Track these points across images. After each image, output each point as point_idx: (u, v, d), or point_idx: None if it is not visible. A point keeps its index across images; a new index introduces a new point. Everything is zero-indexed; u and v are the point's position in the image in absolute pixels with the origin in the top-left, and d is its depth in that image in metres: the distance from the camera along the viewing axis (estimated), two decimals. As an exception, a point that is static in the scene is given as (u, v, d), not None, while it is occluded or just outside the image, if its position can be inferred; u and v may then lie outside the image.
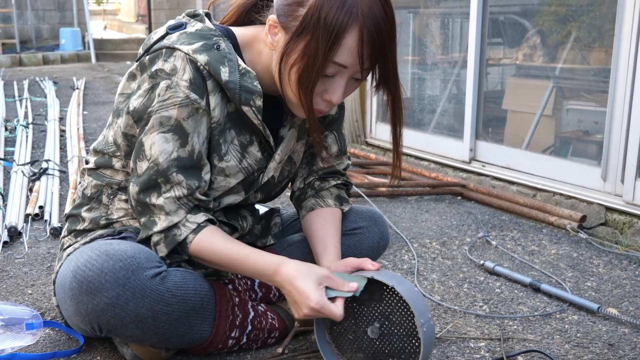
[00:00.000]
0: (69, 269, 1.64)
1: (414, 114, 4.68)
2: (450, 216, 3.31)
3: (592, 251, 2.83)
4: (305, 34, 1.57)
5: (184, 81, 1.63)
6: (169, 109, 1.63)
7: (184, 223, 1.67)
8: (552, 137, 3.78)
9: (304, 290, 1.60)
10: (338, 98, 1.65)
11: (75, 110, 5.79)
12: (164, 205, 1.66)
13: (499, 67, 4.22)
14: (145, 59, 1.69)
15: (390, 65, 1.64)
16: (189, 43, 1.66)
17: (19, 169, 3.67)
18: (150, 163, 1.65)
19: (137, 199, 1.69)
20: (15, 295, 2.29)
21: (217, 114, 1.70)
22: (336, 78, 1.63)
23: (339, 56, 1.57)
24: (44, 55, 11.30)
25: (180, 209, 1.67)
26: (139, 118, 1.67)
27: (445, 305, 2.26)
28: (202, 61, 1.64)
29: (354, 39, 1.56)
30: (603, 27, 3.37)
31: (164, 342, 1.72)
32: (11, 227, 2.86)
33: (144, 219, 1.70)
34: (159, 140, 1.64)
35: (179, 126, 1.64)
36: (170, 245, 1.67)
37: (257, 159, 1.81)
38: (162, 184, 1.66)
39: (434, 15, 4.62)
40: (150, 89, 1.65)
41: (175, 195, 1.66)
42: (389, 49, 1.62)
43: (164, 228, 1.67)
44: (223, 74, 1.65)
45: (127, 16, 19.81)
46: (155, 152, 1.64)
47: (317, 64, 1.57)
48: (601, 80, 3.43)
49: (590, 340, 2.04)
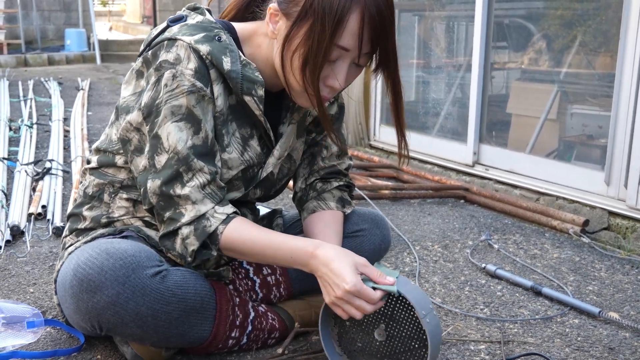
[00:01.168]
0: (69, 267, 1.64)
1: (418, 117, 4.68)
2: (452, 219, 3.30)
3: (595, 255, 2.82)
4: (307, 18, 1.58)
5: (189, 70, 1.63)
6: (179, 98, 1.63)
7: (212, 214, 1.65)
8: (556, 141, 3.78)
9: (340, 272, 1.58)
10: (342, 82, 1.66)
11: (79, 110, 5.80)
12: (190, 194, 1.64)
13: (504, 70, 4.22)
14: (149, 53, 1.70)
15: (390, 48, 1.65)
16: (191, 34, 1.67)
17: (23, 169, 3.68)
18: (170, 153, 1.63)
19: (160, 192, 1.65)
20: (17, 293, 2.29)
21: (220, 104, 1.70)
22: (338, 63, 1.64)
23: (343, 39, 1.59)
24: (49, 56, 11.32)
25: (206, 198, 1.65)
26: (148, 112, 1.67)
27: (446, 307, 2.26)
28: (204, 51, 1.65)
29: (356, 22, 1.57)
30: (609, 32, 3.37)
31: (164, 341, 1.72)
32: (14, 226, 2.86)
33: (169, 213, 1.65)
34: (174, 129, 1.63)
35: (190, 114, 1.64)
36: (201, 237, 1.64)
37: (257, 152, 1.81)
38: (184, 173, 1.64)
39: (439, 18, 4.62)
40: (156, 82, 1.66)
41: (199, 183, 1.64)
42: (389, 31, 1.63)
43: (192, 218, 1.63)
44: (225, 64, 1.66)
45: (132, 17, 19.85)
46: (172, 141, 1.63)
47: (321, 48, 1.58)
48: (606, 84, 3.43)
49: (590, 344, 2.04)
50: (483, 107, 3.98)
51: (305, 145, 2.01)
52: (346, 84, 1.69)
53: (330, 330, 1.79)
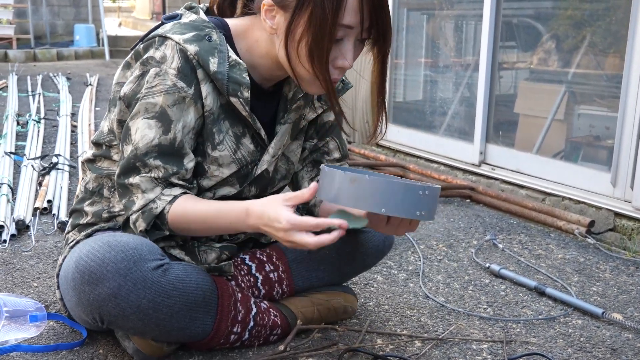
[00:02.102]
0: (72, 260, 1.66)
1: (425, 115, 4.67)
2: (458, 218, 3.30)
3: (600, 256, 2.82)
4: (307, 6, 1.61)
5: (172, 69, 1.67)
6: (155, 96, 1.67)
7: (159, 197, 1.69)
8: (562, 142, 3.76)
9: (275, 216, 1.57)
10: (350, 60, 1.69)
11: (87, 106, 5.81)
12: (140, 183, 1.68)
13: (512, 70, 4.20)
14: (140, 47, 1.75)
15: (386, 20, 1.69)
16: (181, 33, 1.69)
17: (29, 163, 3.69)
18: (132, 147, 1.68)
19: (118, 181, 1.72)
20: (21, 287, 2.30)
21: (210, 103, 1.72)
22: (344, 42, 1.67)
23: (346, 17, 1.61)
24: (58, 51, 11.33)
25: (157, 187, 1.69)
26: (128, 103, 1.72)
27: (449, 307, 2.26)
28: (191, 51, 1.67)
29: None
30: (619, 33, 3.36)
31: (166, 335, 1.73)
32: (19, 220, 2.87)
33: (124, 201, 1.72)
34: (142, 125, 1.68)
35: (164, 113, 1.67)
36: (148, 219, 1.68)
37: (249, 150, 1.83)
38: (141, 167, 1.68)
39: (447, 17, 4.61)
40: (140, 76, 1.70)
41: (152, 175, 1.69)
42: (385, 3, 1.67)
43: (141, 206, 1.69)
44: (212, 65, 1.68)
45: (141, 13, 19.86)
46: (137, 137, 1.68)
47: (326, 30, 1.60)
48: (614, 85, 3.41)
49: (593, 344, 2.03)
50: (490, 107, 3.97)
51: (307, 151, 2.02)
52: (353, 60, 1.72)
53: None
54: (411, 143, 4.56)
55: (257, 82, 1.82)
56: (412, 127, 4.64)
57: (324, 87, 1.68)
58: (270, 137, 1.88)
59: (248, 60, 1.78)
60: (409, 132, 4.60)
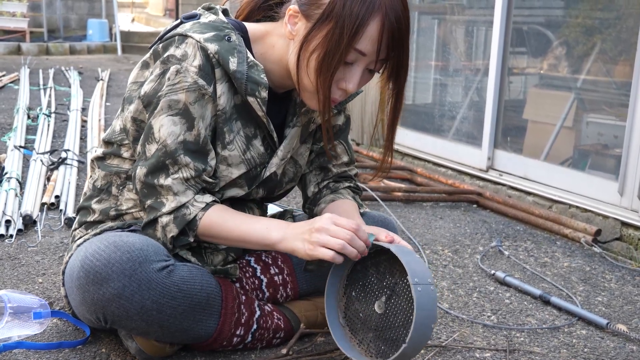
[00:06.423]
0: (77, 259, 1.67)
1: (434, 119, 4.67)
2: (464, 224, 3.29)
3: (605, 266, 2.81)
4: (328, 21, 1.63)
5: (193, 67, 1.68)
6: (178, 93, 1.68)
7: (192, 203, 1.71)
8: (571, 149, 3.76)
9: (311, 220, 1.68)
10: (354, 86, 1.71)
11: (98, 101, 5.81)
12: (172, 185, 1.69)
13: (522, 76, 4.20)
14: (159, 47, 1.75)
15: (404, 57, 1.70)
16: (201, 32, 1.71)
17: (38, 158, 3.70)
18: (159, 145, 1.69)
19: (144, 181, 1.72)
20: (26, 283, 2.30)
21: (223, 102, 1.74)
22: (353, 67, 1.68)
23: (361, 43, 1.63)
24: (70, 45, 11.35)
25: (189, 189, 1.71)
26: (148, 102, 1.72)
27: (453, 313, 2.25)
28: (212, 50, 1.68)
29: (376, 28, 1.62)
30: (629, 41, 3.35)
31: (169, 336, 1.73)
32: (26, 215, 2.88)
33: (150, 201, 1.73)
34: (167, 122, 1.68)
35: (187, 110, 1.69)
36: (180, 224, 1.70)
37: (259, 152, 1.84)
38: (170, 166, 1.69)
39: (458, 22, 4.60)
40: (161, 74, 1.71)
41: (183, 176, 1.70)
42: (405, 40, 1.68)
43: (172, 208, 1.70)
44: (232, 64, 1.69)
45: (155, 9, 19.88)
46: (163, 134, 1.69)
47: (339, 50, 1.62)
48: (623, 94, 3.40)
49: (597, 355, 2.03)
50: (499, 112, 3.96)
51: (314, 154, 2.03)
52: (357, 88, 1.73)
53: (336, 302, 1.81)
54: (419, 146, 4.55)
55: (270, 86, 1.82)
56: (421, 131, 4.63)
57: (321, 102, 1.69)
58: (280, 140, 1.89)
59: (262, 65, 1.78)
60: (417, 136, 4.59)
